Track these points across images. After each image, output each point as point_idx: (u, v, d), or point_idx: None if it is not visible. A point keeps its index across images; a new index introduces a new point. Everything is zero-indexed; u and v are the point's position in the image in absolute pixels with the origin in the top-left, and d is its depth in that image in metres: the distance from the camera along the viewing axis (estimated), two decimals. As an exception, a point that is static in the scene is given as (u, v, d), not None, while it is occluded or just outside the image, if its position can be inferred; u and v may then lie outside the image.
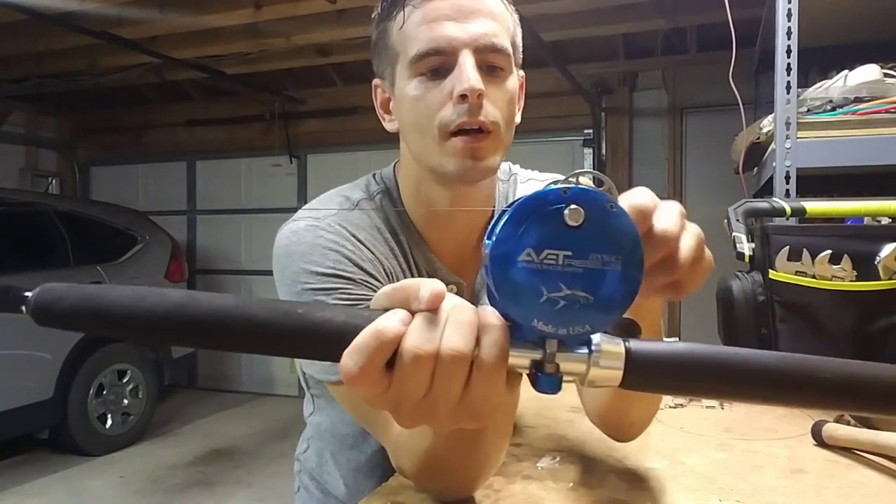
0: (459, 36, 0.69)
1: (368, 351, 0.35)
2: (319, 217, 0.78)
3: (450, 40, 0.69)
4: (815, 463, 0.79)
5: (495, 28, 0.71)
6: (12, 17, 3.47)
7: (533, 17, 3.29)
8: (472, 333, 0.36)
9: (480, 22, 0.70)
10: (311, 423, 0.98)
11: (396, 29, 0.73)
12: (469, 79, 0.68)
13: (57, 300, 0.37)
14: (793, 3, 1.53)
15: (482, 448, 0.59)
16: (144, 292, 0.37)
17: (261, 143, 5.41)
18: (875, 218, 1.23)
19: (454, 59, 0.70)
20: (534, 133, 4.45)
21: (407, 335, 0.36)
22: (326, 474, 0.95)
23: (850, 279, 1.04)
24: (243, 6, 3.44)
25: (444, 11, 0.70)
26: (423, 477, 0.65)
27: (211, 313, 0.37)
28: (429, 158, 0.74)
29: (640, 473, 0.75)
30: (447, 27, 0.70)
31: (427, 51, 0.70)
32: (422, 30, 0.70)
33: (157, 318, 0.37)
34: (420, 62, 0.71)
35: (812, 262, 1.06)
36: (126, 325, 0.37)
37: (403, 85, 0.74)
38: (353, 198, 0.82)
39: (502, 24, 0.73)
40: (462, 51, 0.69)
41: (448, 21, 0.70)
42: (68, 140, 6.03)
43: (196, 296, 0.37)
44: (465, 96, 0.68)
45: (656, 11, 3.58)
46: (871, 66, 1.53)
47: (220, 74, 4.56)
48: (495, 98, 0.72)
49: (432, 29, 0.70)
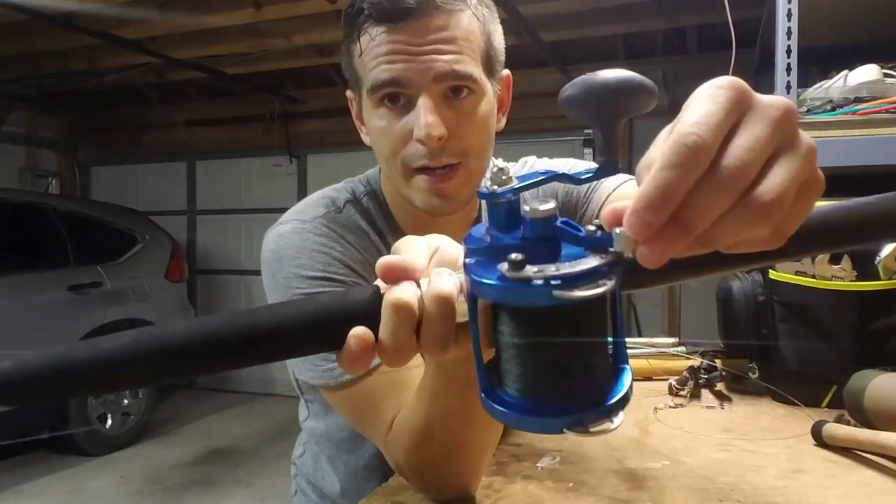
0: (417, 68, 0.66)
1: (403, 326, 0.36)
2: (306, 220, 0.78)
3: (406, 74, 0.67)
4: (815, 463, 0.79)
5: (458, 56, 0.68)
6: (12, 17, 3.47)
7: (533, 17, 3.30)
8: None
9: (441, 51, 0.67)
10: (307, 427, 0.98)
11: (357, 55, 0.71)
12: (427, 125, 0.66)
13: (15, 374, 0.34)
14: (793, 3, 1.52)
15: (475, 427, 0.59)
16: (102, 339, 0.35)
17: (261, 143, 5.42)
18: (875, 218, 1.22)
19: (414, 92, 0.68)
20: (534, 133, 4.45)
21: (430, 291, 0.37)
22: (323, 478, 0.95)
23: (850, 279, 1.04)
24: (243, 6, 3.44)
25: (400, 45, 0.67)
26: (419, 468, 0.65)
27: (182, 340, 0.35)
28: (398, 188, 0.74)
29: (640, 473, 0.75)
30: (404, 61, 0.67)
31: (383, 82, 0.68)
32: (379, 62, 0.68)
33: (128, 359, 0.35)
34: (378, 92, 0.69)
35: (812, 262, 1.06)
36: (95, 374, 0.35)
37: (369, 113, 0.73)
38: (338, 200, 0.81)
39: (468, 46, 0.69)
40: (421, 88, 0.67)
41: (405, 55, 0.67)
42: (68, 140, 6.03)
43: (155, 329, 0.36)
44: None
45: (656, 11, 3.58)
46: (871, 66, 1.53)
47: (220, 74, 4.57)
48: (462, 129, 0.69)
49: (388, 61, 0.67)
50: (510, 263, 0.31)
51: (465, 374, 0.52)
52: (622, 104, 0.37)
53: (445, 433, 0.60)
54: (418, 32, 0.66)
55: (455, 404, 0.56)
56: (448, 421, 0.59)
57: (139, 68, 4.46)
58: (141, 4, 3.45)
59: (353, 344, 0.36)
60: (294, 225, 0.77)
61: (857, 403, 0.89)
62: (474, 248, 0.35)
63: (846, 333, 1.04)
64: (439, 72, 0.67)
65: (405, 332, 0.36)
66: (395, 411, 0.67)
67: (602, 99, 0.36)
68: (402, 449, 0.65)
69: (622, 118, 0.37)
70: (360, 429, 0.76)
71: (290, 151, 5.38)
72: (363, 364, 0.37)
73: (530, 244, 0.33)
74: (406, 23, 0.66)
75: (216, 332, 0.35)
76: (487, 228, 0.36)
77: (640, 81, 0.37)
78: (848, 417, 0.90)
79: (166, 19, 3.54)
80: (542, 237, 0.33)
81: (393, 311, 0.36)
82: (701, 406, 1.06)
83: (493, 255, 0.33)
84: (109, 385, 0.37)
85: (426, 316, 0.36)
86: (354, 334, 0.36)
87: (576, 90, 0.36)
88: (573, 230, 0.34)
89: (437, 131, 0.66)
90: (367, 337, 0.36)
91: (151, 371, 0.36)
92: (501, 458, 0.79)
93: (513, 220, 0.35)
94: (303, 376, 0.77)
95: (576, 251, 0.33)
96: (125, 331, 0.36)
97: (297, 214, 0.79)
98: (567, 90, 0.36)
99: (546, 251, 0.33)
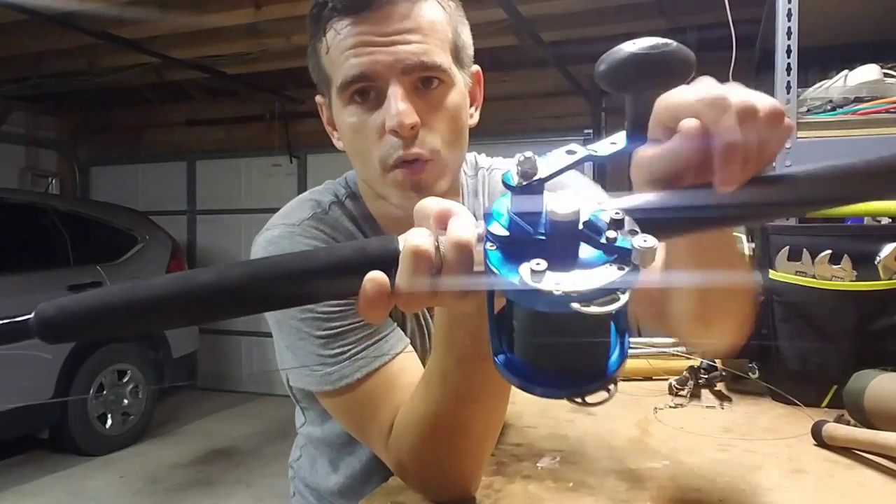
0: (384, 59, 0.66)
1: (420, 272, 0.38)
2: (294, 223, 0.77)
3: (374, 65, 0.66)
4: (815, 463, 0.79)
5: (425, 46, 0.67)
6: (12, 17, 3.47)
7: (533, 17, 3.30)
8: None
9: (407, 41, 0.67)
10: (303, 433, 0.98)
11: (324, 52, 0.71)
12: (398, 113, 0.65)
13: (57, 315, 0.38)
14: (793, 3, 1.52)
15: (480, 408, 0.60)
16: (137, 284, 0.38)
17: (261, 143, 5.42)
18: (875, 218, 1.23)
19: (383, 85, 0.67)
20: (534, 133, 4.45)
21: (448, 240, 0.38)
22: (320, 482, 0.95)
23: (850, 279, 1.04)
24: (243, 6, 3.44)
25: (366, 36, 0.66)
26: (423, 463, 0.65)
27: (211, 284, 0.37)
28: (374, 187, 0.74)
29: (640, 473, 0.75)
30: (372, 53, 0.66)
31: (352, 77, 0.67)
32: (346, 56, 0.67)
33: (158, 303, 0.37)
34: (348, 89, 0.68)
35: (812, 262, 1.06)
36: (129, 316, 0.38)
37: (339, 113, 0.72)
38: (323, 202, 0.81)
39: (435, 36, 0.69)
40: (390, 78, 0.66)
41: (372, 46, 0.66)
42: (68, 140, 6.03)
43: (186, 274, 0.38)
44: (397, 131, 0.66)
45: (656, 11, 3.58)
46: (871, 66, 1.53)
47: (220, 74, 4.57)
48: (434, 119, 0.69)
49: (356, 55, 0.66)
50: (532, 271, 0.32)
51: (474, 351, 0.53)
52: (655, 76, 0.38)
53: (451, 418, 0.60)
54: (383, 22, 0.66)
55: (462, 384, 0.57)
56: (455, 403, 0.59)
57: (139, 68, 4.46)
58: (141, 4, 3.45)
59: (369, 287, 0.38)
60: (282, 229, 0.77)
61: (857, 403, 0.89)
62: (496, 235, 0.36)
63: (846, 333, 1.04)
64: (407, 63, 0.66)
65: (422, 277, 0.38)
66: (393, 415, 0.67)
67: (633, 72, 0.37)
68: (405, 444, 0.65)
69: (656, 90, 0.38)
70: (358, 434, 0.75)
71: (290, 151, 5.39)
72: (380, 308, 0.38)
73: (551, 243, 0.35)
74: (370, 12, 0.66)
75: (242, 277, 0.38)
76: (510, 210, 0.37)
77: (672, 52, 0.37)
78: (848, 417, 0.90)
79: (166, 19, 3.54)
80: (562, 237, 0.35)
81: (411, 258, 0.38)
82: (701, 406, 1.06)
83: (514, 249, 0.35)
84: (143, 325, 0.39)
85: (445, 263, 0.38)
86: (370, 278, 0.38)
87: (607, 65, 0.37)
88: (594, 234, 0.35)
89: (410, 119, 0.66)
90: (381, 280, 0.38)
91: (184, 313, 0.38)
92: (501, 458, 0.79)
93: (536, 212, 0.36)
94: (300, 383, 0.77)
95: (594, 256, 0.34)
96: (158, 277, 0.39)
97: (283, 219, 0.79)
98: (600, 64, 0.37)
99: (565, 253, 0.34)
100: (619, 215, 0.35)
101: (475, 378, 0.57)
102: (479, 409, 0.61)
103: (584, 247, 0.35)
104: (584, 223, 0.35)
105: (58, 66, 4.43)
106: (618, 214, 0.35)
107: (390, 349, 0.71)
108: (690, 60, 0.38)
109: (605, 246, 0.34)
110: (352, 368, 0.70)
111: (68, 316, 0.38)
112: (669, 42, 0.38)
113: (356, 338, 0.71)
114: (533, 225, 0.36)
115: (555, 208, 0.34)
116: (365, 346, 0.71)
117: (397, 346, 0.72)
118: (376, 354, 0.70)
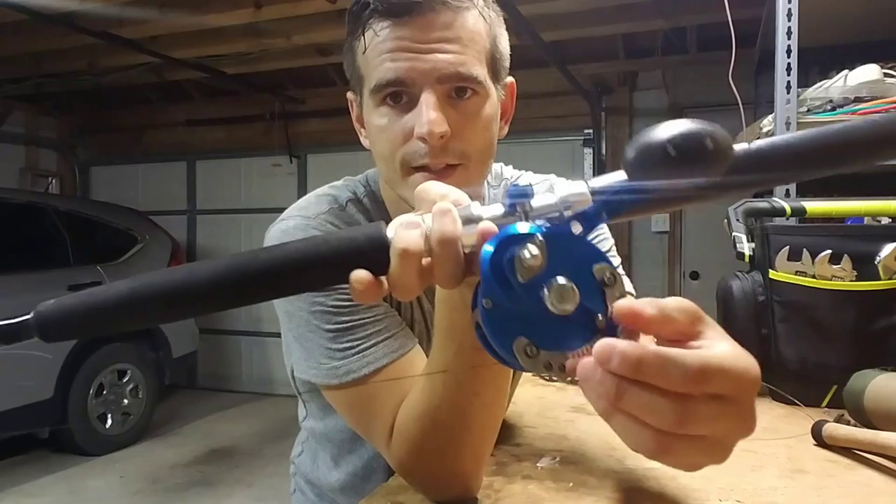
0: (420, 66, 0.65)
1: (409, 268, 0.39)
2: (310, 216, 0.77)
3: (411, 73, 0.66)
4: (815, 463, 0.79)
5: (463, 57, 0.67)
6: (12, 17, 3.47)
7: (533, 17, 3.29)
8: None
9: (445, 50, 0.66)
10: (305, 427, 0.98)
11: (360, 52, 0.70)
12: (429, 121, 0.64)
13: (56, 314, 0.38)
14: (793, 3, 1.53)
15: (481, 401, 0.61)
16: (134, 279, 0.38)
17: (261, 143, 5.41)
18: (875, 218, 1.23)
19: (417, 91, 0.66)
20: (534, 133, 4.45)
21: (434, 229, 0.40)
22: (321, 478, 0.95)
23: (850, 279, 1.04)
24: (243, 6, 3.44)
25: (405, 42, 0.66)
26: (424, 460, 0.65)
27: (207, 278, 0.38)
28: (395, 188, 0.73)
29: (640, 473, 0.75)
30: (409, 59, 0.65)
31: (387, 81, 0.67)
32: (383, 59, 0.66)
33: (157, 297, 0.38)
34: (381, 92, 0.68)
35: (812, 262, 1.06)
36: (128, 312, 0.38)
37: (370, 112, 0.71)
38: (340, 198, 0.81)
39: (474, 47, 0.68)
40: (424, 85, 0.66)
41: (409, 52, 0.65)
42: (68, 140, 6.03)
43: (186, 268, 0.39)
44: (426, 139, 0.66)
45: (656, 11, 3.58)
46: (871, 66, 1.53)
47: (220, 74, 4.57)
48: (464, 130, 0.68)
49: (392, 59, 0.66)
50: (525, 353, 0.36)
51: (474, 342, 0.53)
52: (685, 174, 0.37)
53: (452, 411, 0.61)
54: (423, 28, 0.66)
55: (466, 376, 0.58)
56: (456, 395, 0.60)
57: (139, 68, 4.46)
58: (141, 4, 3.44)
59: (356, 285, 0.39)
60: (297, 221, 0.76)
61: (857, 403, 0.89)
62: (496, 296, 0.37)
63: (846, 333, 1.04)
64: (444, 73, 0.66)
65: (411, 271, 0.39)
66: (397, 413, 0.67)
67: (656, 168, 0.37)
68: (408, 440, 0.65)
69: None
70: (360, 430, 0.75)
71: (290, 151, 5.38)
72: (371, 297, 0.40)
73: (542, 321, 0.36)
74: (411, 18, 0.65)
75: (243, 267, 0.39)
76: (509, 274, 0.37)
77: (701, 150, 0.36)
78: (848, 417, 0.90)
79: (166, 19, 3.53)
80: (554, 318, 0.36)
81: (399, 257, 0.39)
82: (701, 406, 1.06)
83: (509, 319, 0.37)
84: (141, 320, 0.40)
85: (434, 256, 0.40)
86: (355, 278, 0.39)
87: (631, 156, 0.37)
88: (585, 318, 0.37)
89: (440, 128, 0.65)
90: (366, 278, 0.39)
91: (183, 306, 0.39)
92: (501, 458, 0.79)
93: (535, 289, 0.37)
94: (305, 375, 0.76)
95: (584, 332, 0.37)
96: (156, 270, 0.39)
97: (299, 210, 0.78)
98: (626, 153, 0.38)
99: (555, 332, 0.37)
100: (612, 278, 0.37)
101: (477, 369, 0.58)
102: (481, 402, 0.61)
103: (573, 324, 0.37)
104: (580, 310, 0.36)
105: (58, 66, 4.43)
106: (610, 278, 0.37)
107: (399, 347, 0.71)
108: (717, 149, 0.36)
109: (596, 331, 0.36)
110: (360, 364, 0.70)
111: (67, 314, 0.38)
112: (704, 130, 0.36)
113: (366, 333, 0.71)
114: (529, 298, 0.37)
115: (553, 304, 0.35)
116: (374, 342, 0.70)
117: (406, 344, 0.72)
118: (385, 352, 0.70)
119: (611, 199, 0.39)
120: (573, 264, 0.36)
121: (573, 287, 0.35)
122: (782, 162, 0.42)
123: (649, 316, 0.35)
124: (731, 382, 0.34)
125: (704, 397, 0.33)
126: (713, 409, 0.34)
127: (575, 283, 0.35)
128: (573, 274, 0.36)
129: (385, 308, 0.74)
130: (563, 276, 0.36)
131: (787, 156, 0.42)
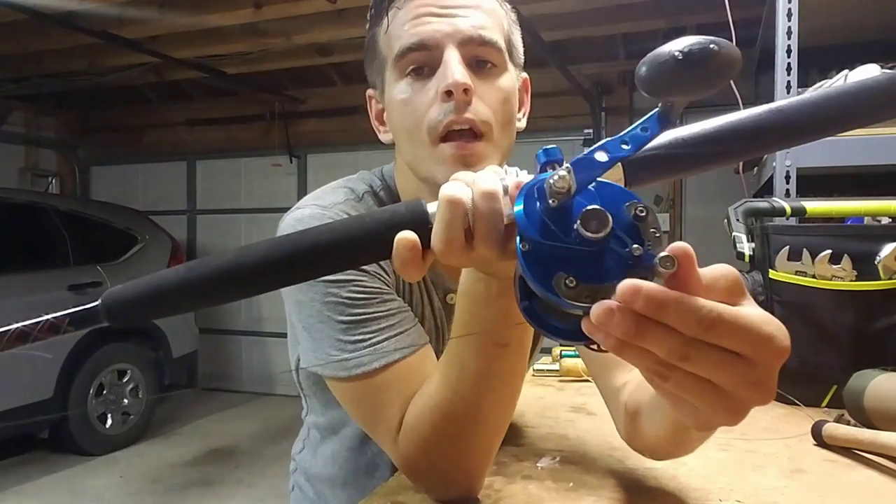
0: (443, 29, 0.67)
1: (455, 220, 0.41)
2: (326, 206, 0.76)
3: (433, 34, 0.67)
4: (815, 463, 0.79)
5: (483, 21, 0.69)
6: (12, 17, 3.47)
7: (533, 17, 3.29)
8: None
9: (467, 14, 0.68)
10: (308, 422, 0.97)
11: (382, 33, 0.72)
12: (453, 73, 0.65)
13: (119, 300, 0.41)
14: (793, 3, 1.53)
15: (495, 397, 0.61)
16: (190, 264, 0.42)
17: (261, 143, 5.42)
18: (875, 218, 1.23)
19: (439, 56, 0.67)
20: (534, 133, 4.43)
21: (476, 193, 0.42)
22: (321, 474, 0.94)
23: (850, 279, 1.04)
24: (243, 6, 3.44)
25: (427, 8, 0.68)
26: (432, 456, 0.65)
27: (259, 259, 0.41)
28: (420, 168, 0.73)
29: (640, 473, 0.75)
30: (431, 22, 0.68)
31: (410, 46, 0.68)
32: (405, 27, 0.69)
33: (213, 280, 0.41)
34: (404, 59, 0.69)
35: (812, 262, 1.06)
36: (185, 295, 0.41)
37: (391, 89, 0.72)
38: (357, 190, 0.80)
39: (493, 18, 0.71)
40: (447, 46, 0.67)
41: (432, 16, 0.68)
42: (68, 140, 6.03)
43: (237, 251, 0.41)
44: (451, 92, 0.66)
45: (656, 11, 3.58)
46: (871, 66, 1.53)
47: (220, 74, 4.57)
48: (486, 95, 0.69)
49: (415, 24, 0.68)
50: (566, 285, 0.36)
51: (495, 336, 0.55)
52: (691, 81, 0.38)
53: (466, 406, 0.60)
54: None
55: (482, 370, 0.58)
56: (470, 390, 0.59)
57: (139, 68, 4.46)
58: (141, 4, 3.45)
59: (401, 246, 0.41)
60: (313, 210, 0.75)
61: (857, 403, 0.89)
62: (531, 237, 0.38)
63: (846, 333, 1.04)
64: (466, 34, 0.68)
65: (457, 226, 0.41)
66: (404, 410, 0.66)
67: (668, 78, 0.37)
68: (416, 436, 0.64)
69: (694, 96, 0.39)
70: (366, 424, 0.74)
71: (290, 151, 5.39)
72: (414, 265, 0.41)
73: (578, 255, 0.37)
74: None
75: (293, 245, 0.41)
76: (541, 213, 0.38)
77: (709, 53, 0.36)
78: (848, 417, 0.90)
79: (166, 19, 3.54)
80: (590, 250, 0.37)
81: (447, 206, 0.41)
82: (701, 406, 1.06)
83: (546, 258, 0.37)
84: (198, 303, 0.43)
85: (477, 213, 0.41)
86: (401, 238, 0.41)
87: (643, 72, 0.38)
88: (620, 248, 0.37)
89: (465, 79, 0.66)
90: (411, 239, 0.41)
91: (236, 287, 0.42)
92: (501, 458, 0.79)
93: (568, 223, 0.37)
94: (312, 366, 0.75)
95: (619, 266, 0.37)
96: (207, 256, 0.43)
97: (315, 200, 0.78)
98: (638, 70, 0.38)
99: (592, 264, 0.37)
100: (643, 212, 0.37)
101: (493, 365, 0.58)
102: (494, 398, 0.61)
103: (609, 254, 0.37)
104: (612, 237, 0.36)
105: (58, 66, 4.43)
106: (642, 212, 0.37)
107: (411, 343, 0.70)
108: (727, 60, 0.36)
109: (630, 261, 0.36)
110: (370, 357, 0.69)
111: (131, 299, 0.41)
112: (713, 42, 0.36)
113: (378, 327, 0.70)
114: (564, 234, 0.37)
115: (586, 232, 0.36)
116: (386, 336, 0.70)
117: (418, 340, 0.71)
118: (397, 346, 0.69)
119: (635, 159, 0.40)
120: (604, 203, 0.37)
121: (605, 212, 0.36)
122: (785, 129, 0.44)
123: (696, 267, 0.34)
124: (749, 342, 0.34)
125: (717, 346, 0.34)
126: (724, 358, 0.34)
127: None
128: (606, 209, 0.37)
129: (399, 303, 0.73)
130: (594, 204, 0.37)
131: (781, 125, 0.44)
